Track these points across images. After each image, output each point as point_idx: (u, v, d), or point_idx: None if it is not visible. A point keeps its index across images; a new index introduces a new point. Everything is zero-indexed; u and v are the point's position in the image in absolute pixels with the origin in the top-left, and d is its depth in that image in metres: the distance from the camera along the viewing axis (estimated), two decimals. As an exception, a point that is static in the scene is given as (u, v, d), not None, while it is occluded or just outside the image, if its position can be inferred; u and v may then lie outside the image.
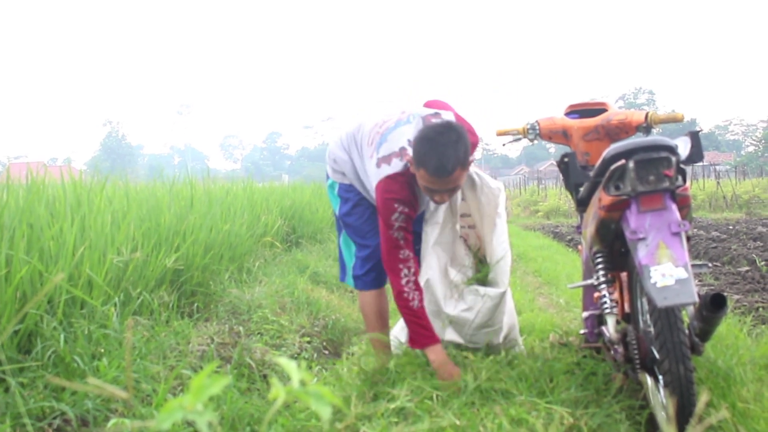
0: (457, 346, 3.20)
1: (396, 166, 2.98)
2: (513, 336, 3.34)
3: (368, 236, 3.29)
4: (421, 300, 2.97)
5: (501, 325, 3.22)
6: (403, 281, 2.96)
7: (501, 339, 3.24)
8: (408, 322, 2.99)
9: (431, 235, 3.28)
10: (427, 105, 3.49)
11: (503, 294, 3.16)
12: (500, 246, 3.25)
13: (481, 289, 3.17)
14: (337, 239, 3.54)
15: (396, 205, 2.96)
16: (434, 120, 2.99)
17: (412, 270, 2.98)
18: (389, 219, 2.97)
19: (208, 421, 0.80)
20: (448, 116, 3.08)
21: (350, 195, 3.31)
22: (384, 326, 3.40)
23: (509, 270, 3.23)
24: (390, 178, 2.98)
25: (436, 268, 3.23)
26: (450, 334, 3.23)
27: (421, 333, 2.95)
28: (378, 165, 3.02)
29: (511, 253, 3.30)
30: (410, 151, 2.91)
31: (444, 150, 2.73)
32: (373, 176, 3.05)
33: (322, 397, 0.83)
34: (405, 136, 3.03)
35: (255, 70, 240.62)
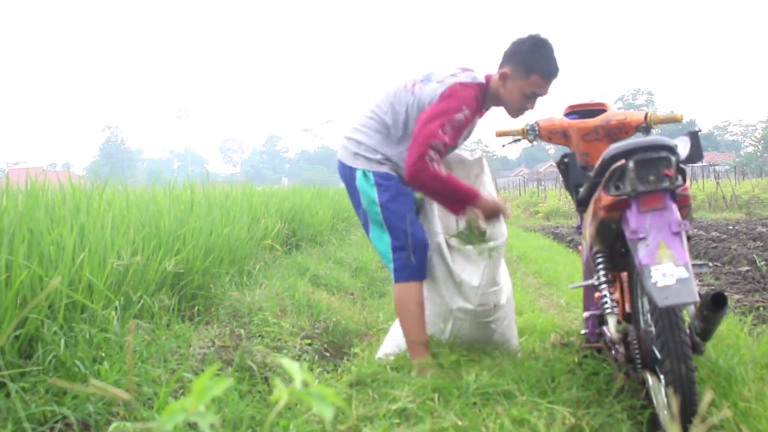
0: (461, 347, 3.21)
1: (462, 77, 3.12)
2: (510, 312, 3.39)
3: (416, 223, 3.17)
4: (447, 172, 3.03)
5: (503, 285, 3.30)
6: (427, 157, 2.96)
7: (504, 300, 3.29)
8: (445, 191, 3.04)
9: (430, 208, 3.32)
10: None
11: (504, 242, 3.24)
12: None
13: (471, 249, 3.22)
14: (368, 235, 3.35)
15: (463, 106, 3.03)
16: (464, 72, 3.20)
17: (439, 160, 3.00)
18: (453, 115, 3.01)
19: (210, 423, 0.80)
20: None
21: (390, 182, 3.18)
22: (422, 319, 3.17)
23: (503, 221, 3.30)
24: (462, 84, 3.08)
25: (441, 236, 3.26)
26: (458, 302, 3.24)
27: (462, 194, 3.07)
28: (441, 81, 3.11)
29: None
30: (470, 71, 3.15)
31: (555, 55, 3.08)
32: (434, 90, 3.10)
33: (325, 398, 0.83)
34: (450, 69, 3.18)
35: (254, 73, 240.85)
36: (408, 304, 3.15)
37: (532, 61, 3.03)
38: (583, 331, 3.26)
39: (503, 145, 3.78)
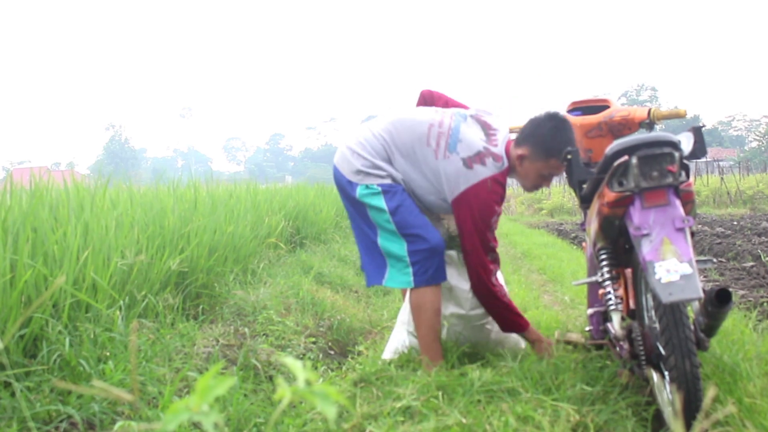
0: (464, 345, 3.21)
1: (492, 167, 3.06)
2: None
3: (428, 227, 3.12)
4: (506, 294, 3.21)
5: None
6: (493, 279, 3.10)
7: None
8: (500, 315, 3.17)
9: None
10: (427, 94, 3.53)
11: None
12: None
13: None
14: (370, 241, 3.24)
15: (497, 208, 3.06)
16: (484, 116, 3.23)
17: (498, 269, 3.19)
18: (489, 220, 3.06)
19: (215, 421, 0.80)
20: (489, 115, 3.27)
21: (395, 189, 3.12)
22: (438, 324, 3.15)
23: None
24: (494, 180, 3.05)
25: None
26: (450, 308, 3.27)
27: (517, 321, 3.19)
28: (468, 165, 3.04)
29: None
30: (495, 150, 3.09)
31: (571, 134, 3.03)
32: (459, 176, 3.04)
33: (328, 397, 0.83)
34: (477, 136, 3.13)
35: (257, 71, 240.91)
36: (427, 310, 3.11)
37: (552, 146, 3.01)
38: (587, 328, 3.26)
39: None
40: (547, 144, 3.02)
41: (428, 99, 3.54)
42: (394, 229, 3.11)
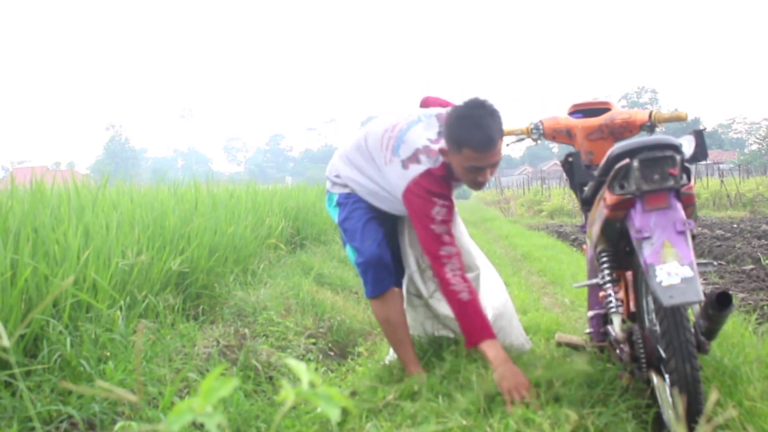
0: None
1: (426, 162, 2.97)
2: (501, 324, 3.35)
3: (365, 240, 3.16)
4: (471, 292, 2.84)
5: (485, 305, 3.20)
6: (449, 274, 2.85)
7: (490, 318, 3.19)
8: (458, 318, 2.86)
9: (405, 235, 3.33)
10: (425, 101, 3.51)
11: (478, 276, 3.25)
12: (462, 235, 3.33)
13: None
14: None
15: (435, 199, 2.92)
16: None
17: (458, 265, 2.89)
18: (430, 213, 2.91)
19: (218, 423, 0.80)
20: None
21: (348, 200, 3.22)
22: (399, 334, 3.16)
23: (477, 254, 3.28)
24: (424, 176, 2.95)
25: (413, 266, 3.29)
26: (440, 329, 3.26)
27: (474, 327, 2.80)
28: (405, 166, 2.99)
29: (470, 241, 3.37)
30: (435, 146, 2.95)
31: (485, 122, 2.75)
32: (399, 178, 3.00)
33: (331, 399, 0.84)
34: (422, 135, 3.03)
35: (257, 72, 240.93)
36: (382, 324, 3.21)
37: (459, 135, 2.79)
38: (587, 331, 3.26)
39: (507, 144, 3.77)
40: (454, 134, 2.81)
41: (424, 105, 3.54)
42: (345, 239, 3.25)
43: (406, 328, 3.17)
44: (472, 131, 2.74)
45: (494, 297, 3.38)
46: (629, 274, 2.76)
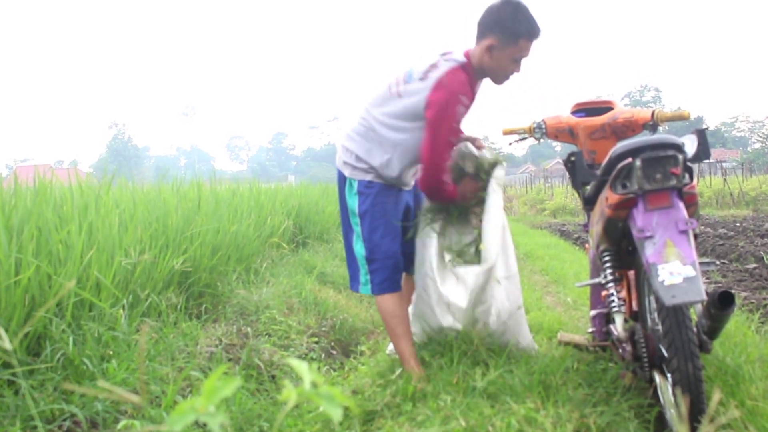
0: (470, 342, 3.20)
1: (447, 64, 3.05)
2: (511, 323, 3.32)
3: (384, 237, 3.16)
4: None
5: (490, 303, 3.17)
6: (446, 178, 3.11)
7: (494, 318, 3.17)
8: (435, 196, 3.21)
9: (428, 230, 3.30)
10: None
11: (489, 270, 3.15)
12: (490, 222, 3.24)
13: (461, 271, 3.22)
14: (349, 244, 3.31)
15: (461, 97, 3.00)
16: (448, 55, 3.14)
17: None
18: (455, 111, 3.00)
19: (221, 422, 0.80)
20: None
21: (371, 191, 3.18)
22: (401, 329, 3.17)
23: (497, 242, 3.17)
24: (456, 70, 3.02)
25: (434, 253, 3.26)
26: (449, 320, 3.24)
27: (448, 196, 3.19)
28: (424, 78, 3.05)
29: (506, 225, 3.26)
30: (450, 55, 3.08)
31: (530, 12, 3.00)
32: (421, 90, 3.04)
33: (333, 399, 0.84)
34: (428, 59, 3.13)
35: (260, 70, 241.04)
36: (388, 318, 3.19)
37: (518, 27, 2.98)
38: (590, 330, 3.26)
39: (510, 143, 3.77)
40: (512, 26, 2.98)
41: None
42: (360, 232, 3.20)
43: (408, 324, 3.20)
44: (531, 21, 2.99)
45: (511, 297, 3.33)
46: (632, 273, 2.76)
